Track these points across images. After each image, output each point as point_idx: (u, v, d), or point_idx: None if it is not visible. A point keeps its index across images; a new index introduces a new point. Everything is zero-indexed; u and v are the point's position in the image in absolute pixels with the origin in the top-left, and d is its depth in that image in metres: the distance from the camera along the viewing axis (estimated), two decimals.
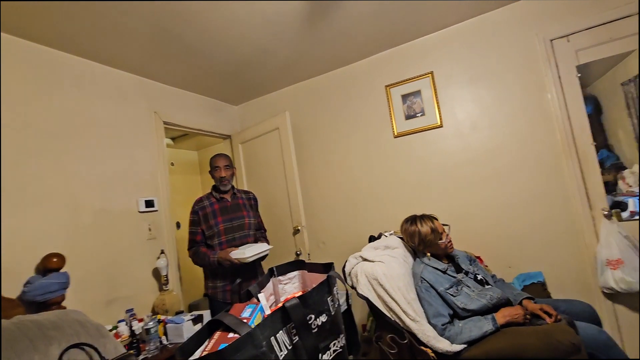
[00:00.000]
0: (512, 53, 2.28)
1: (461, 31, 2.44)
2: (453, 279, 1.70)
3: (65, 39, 1.93)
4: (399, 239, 2.02)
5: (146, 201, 2.33)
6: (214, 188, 2.25)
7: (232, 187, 2.28)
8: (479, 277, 1.78)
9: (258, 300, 0.93)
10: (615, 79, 2.20)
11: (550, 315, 1.53)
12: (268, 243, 2.33)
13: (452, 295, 1.63)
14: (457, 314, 1.62)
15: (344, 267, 1.89)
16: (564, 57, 2.14)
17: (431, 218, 1.86)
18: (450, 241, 1.83)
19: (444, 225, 1.85)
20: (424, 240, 1.80)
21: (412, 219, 1.89)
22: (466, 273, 1.77)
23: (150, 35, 2.02)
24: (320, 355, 0.81)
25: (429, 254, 1.82)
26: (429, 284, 1.67)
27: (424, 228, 1.80)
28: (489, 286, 1.75)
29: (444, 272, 1.72)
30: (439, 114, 2.49)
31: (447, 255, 1.85)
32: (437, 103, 2.50)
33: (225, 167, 2.20)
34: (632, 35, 1.97)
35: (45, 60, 1.96)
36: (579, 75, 2.12)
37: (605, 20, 2.02)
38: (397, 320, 1.61)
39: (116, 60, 2.25)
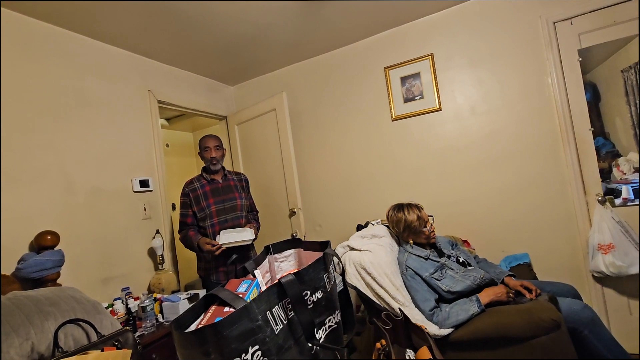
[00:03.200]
0: (514, 35, 2.24)
1: (463, 12, 2.38)
2: (437, 263, 1.74)
3: (56, 12, 1.86)
4: (386, 228, 2.05)
5: (140, 181, 2.31)
6: (204, 169, 2.23)
7: (223, 168, 2.26)
8: (461, 259, 1.82)
9: (254, 276, 0.94)
10: (615, 66, 2.18)
11: (530, 291, 1.58)
12: (259, 225, 2.34)
13: (436, 279, 1.67)
14: (443, 297, 1.66)
15: None
16: (566, 40, 2.11)
17: (417, 207, 1.89)
18: (433, 231, 1.86)
19: (428, 215, 1.89)
20: (409, 226, 1.83)
21: (399, 207, 1.91)
22: (448, 257, 1.81)
23: (144, 10, 1.95)
24: (315, 330, 0.82)
25: (411, 242, 1.85)
26: (414, 271, 1.71)
27: (410, 216, 1.83)
28: (472, 267, 1.79)
29: (427, 259, 1.76)
30: (438, 97, 2.47)
31: (429, 244, 1.89)
32: (437, 86, 2.47)
33: (216, 147, 2.17)
34: (636, 19, 1.94)
35: (36, 34, 1.89)
36: (580, 59, 2.10)
37: (610, 2, 1.98)
38: (386, 307, 1.64)
39: (109, 36, 2.18)
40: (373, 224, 2.29)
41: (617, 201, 2.09)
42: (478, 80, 2.36)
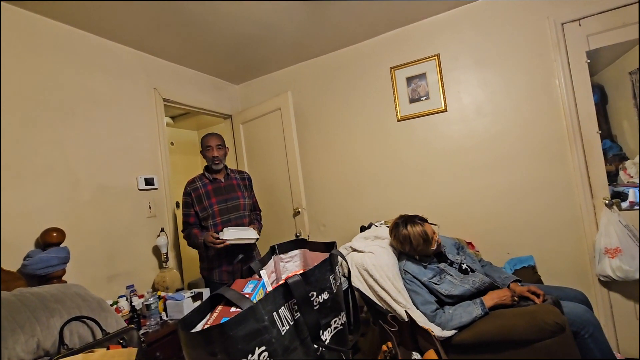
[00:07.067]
0: (521, 36, 2.23)
1: (470, 12, 2.37)
2: (436, 269, 1.73)
3: (61, 9, 1.87)
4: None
5: (146, 179, 2.32)
6: (206, 169, 2.21)
7: (225, 167, 2.25)
8: (464, 266, 1.80)
9: (260, 276, 0.93)
10: (623, 68, 2.16)
11: (538, 296, 1.57)
12: (261, 225, 2.33)
13: (435, 284, 1.67)
14: (443, 301, 1.65)
15: None
16: (575, 41, 2.10)
17: (421, 222, 1.77)
18: (439, 244, 1.80)
19: (432, 224, 1.79)
20: (415, 249, 1.75)
21: (403, 223, 1.78)
22: (451, 263, 1.79)
23: (150, 8, 1.95)
24: (321, 331, 0.81)
25: (417, 257, 1.80)
26: (412, 275, 1.70)
27: (415, 234, 1.72)
28: (474, 273, 1.77)
29: (425, 267, 1.74)
30: (444, 98, 2.46)
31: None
32: (442, 87, 2.46)
33: (218, 146, 2.15)
34: None
35: (43, 31, 1.90)
36: (588, 61, 2.08)
37: (619, 4, 1.96)
38: (389, 309, 1.63)
39: (115, 33, 2.19)
40: (376, 226, 2.29)
41: (624, 204, 2.07)
42: (484, 81, 2.35)
